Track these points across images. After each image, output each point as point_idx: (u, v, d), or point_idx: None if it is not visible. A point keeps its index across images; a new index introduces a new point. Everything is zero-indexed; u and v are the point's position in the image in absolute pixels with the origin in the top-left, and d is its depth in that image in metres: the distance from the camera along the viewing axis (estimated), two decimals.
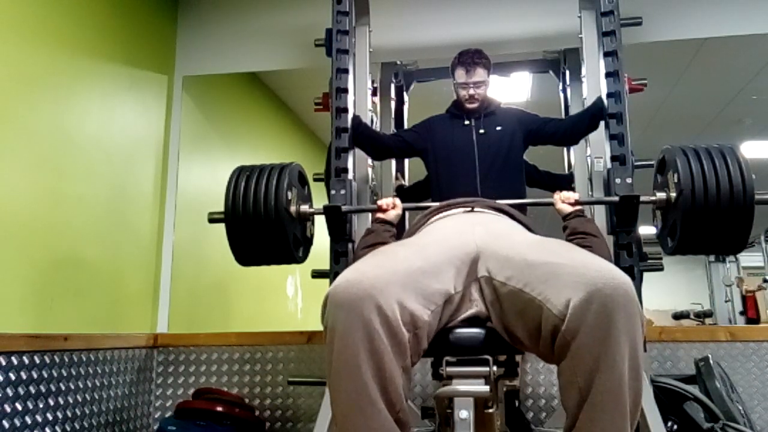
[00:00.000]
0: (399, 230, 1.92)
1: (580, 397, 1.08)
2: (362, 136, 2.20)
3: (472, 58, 2.21)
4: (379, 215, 1.88)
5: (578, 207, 1.83)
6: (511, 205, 1.75)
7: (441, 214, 1.69)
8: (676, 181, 1.64)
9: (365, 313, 1.09)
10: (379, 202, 1.91)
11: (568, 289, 1.11)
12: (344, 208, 1.94)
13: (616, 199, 1.84)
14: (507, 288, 1.23)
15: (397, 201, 1.91)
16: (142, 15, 2.88)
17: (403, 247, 1.41)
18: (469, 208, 1.70)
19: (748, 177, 1.58)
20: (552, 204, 1.87)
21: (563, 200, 1.84)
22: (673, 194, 1.66)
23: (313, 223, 1.96)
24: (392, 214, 1.87)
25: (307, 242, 1.93)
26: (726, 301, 5.55)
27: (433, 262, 1.26)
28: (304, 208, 1.84)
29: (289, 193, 1.77)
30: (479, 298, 1.29)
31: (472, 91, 2.21)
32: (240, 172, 1.82)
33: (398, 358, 1.11)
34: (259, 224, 1.73)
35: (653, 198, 1.74)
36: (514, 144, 2.21)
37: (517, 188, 2.18)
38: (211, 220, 1.81)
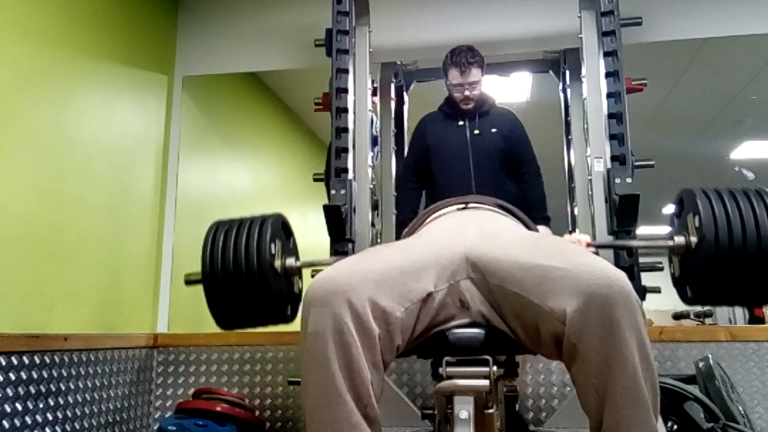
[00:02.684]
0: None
1: (599, 398, 1.08)
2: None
3: (466, 57, 2.19)
4: None
5: (591, 249, 1.73)
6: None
7: (435, 215, 1.68)
8: (697, 225, 1.48)
9: (335, 308, 1.10)
10: None
11: (564, 295, 1.11)
12: (343, 208, 1.94)
13: (632, 243, 1.83)
14: (503, 291, 1.23)
15: None
16: (142, 15, 2.88)
17: (389, 248, 1.42)
18: (463, 205, 1.67)
19: None
20: None
21: (573, 242, 1.73)
22: (694, 239, 1.50)
23: (300, 278, 1.75)
24: None
25: (295, 299, 1.72)
26: None
27: (414, 262, 1.26)
28: (290, 261, 1.65)
29: (273, 247, 1.59)
30: (472, 300, 1.28)
31: (467, 92, 2.19)
32: (217, 227, 1.64)
33: (367, 353, 1.11)
34: (241, 283, 1.55)
35: (671, 243, 1.57)
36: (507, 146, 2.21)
37: (513, 190, 2.18)
38: (188, 282, 1.62)
